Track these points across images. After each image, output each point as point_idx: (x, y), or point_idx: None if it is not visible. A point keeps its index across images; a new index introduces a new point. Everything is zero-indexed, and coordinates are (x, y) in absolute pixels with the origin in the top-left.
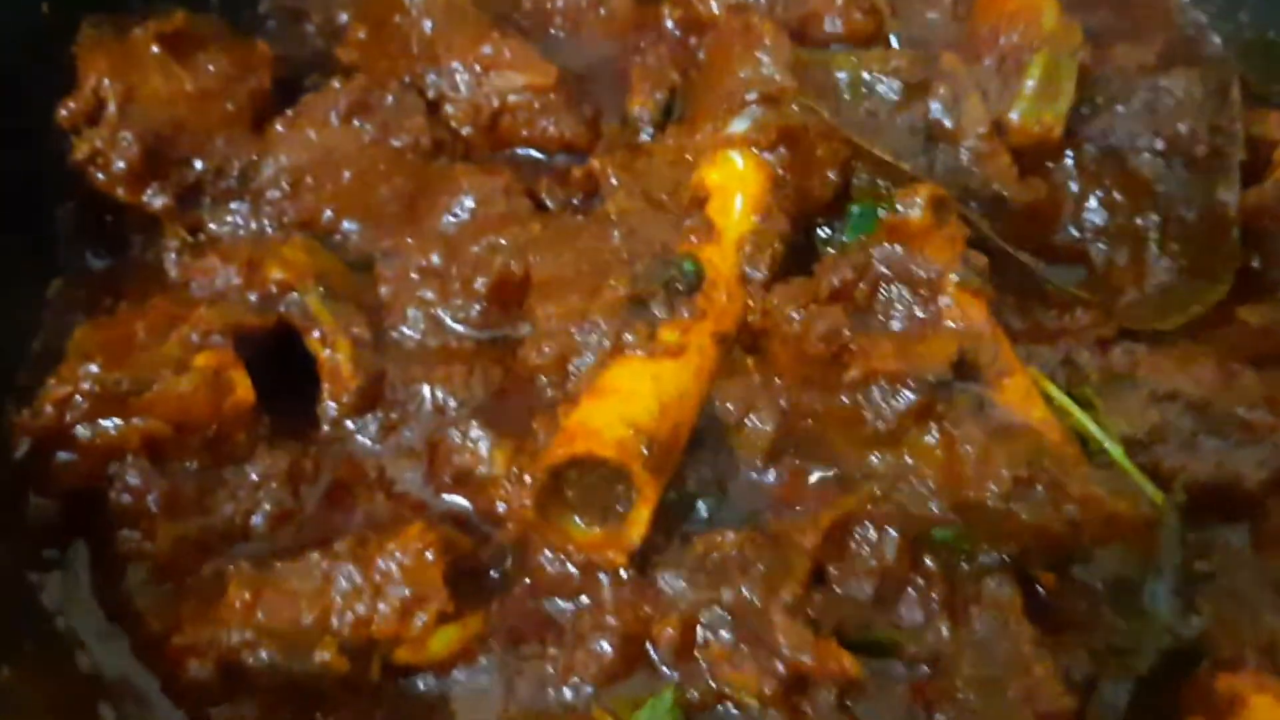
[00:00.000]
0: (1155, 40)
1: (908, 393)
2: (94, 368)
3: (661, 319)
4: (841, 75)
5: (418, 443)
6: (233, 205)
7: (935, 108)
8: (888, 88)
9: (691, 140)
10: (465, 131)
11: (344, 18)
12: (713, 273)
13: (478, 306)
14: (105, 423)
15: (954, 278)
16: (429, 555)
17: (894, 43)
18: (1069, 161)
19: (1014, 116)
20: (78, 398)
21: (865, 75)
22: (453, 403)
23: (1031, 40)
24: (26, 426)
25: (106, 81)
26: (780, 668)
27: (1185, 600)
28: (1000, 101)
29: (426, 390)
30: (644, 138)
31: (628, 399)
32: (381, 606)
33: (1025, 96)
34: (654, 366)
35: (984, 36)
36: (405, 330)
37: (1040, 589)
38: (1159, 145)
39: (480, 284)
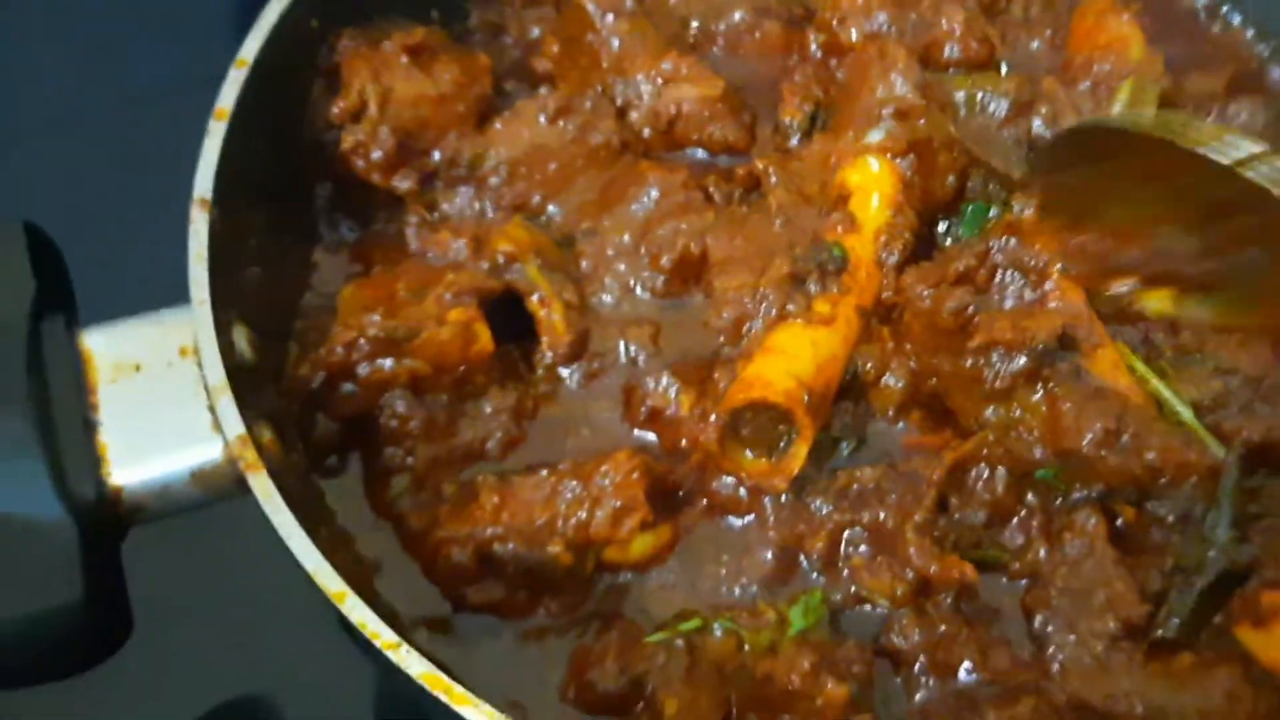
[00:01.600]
0: (1224, 71)
1: (1021, 358)
2: (376, 318)
3: (816, 293)
4: (959, 94)
5: (615, 388)
6: (460, 189)
7: (1037, 124)
8: (998, 106)
9: (835, 147)
10: (646, 133)
11: (536, 31)
12: (855, 257)
13: (662, 279)
14: (382, 362)
15: (1058, 267)
16: (635, 475)
17: (1003, 68)
18: None
19: None
20: (362, 341)
21: (979, 95)
22: (643, 356)
23: (1121, 69)
24: (322, 362)
25: (369, 86)
26: (910, 575)
27: (1240, 532)
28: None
29: (622, 345)
30: (793, 143)
31: (792, 357)
32: (598, 514)
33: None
34: (811, 332)
35: (1079, 64)
36: (604, 297)
37: (1120, 521)
38: None
39: (666, 261)
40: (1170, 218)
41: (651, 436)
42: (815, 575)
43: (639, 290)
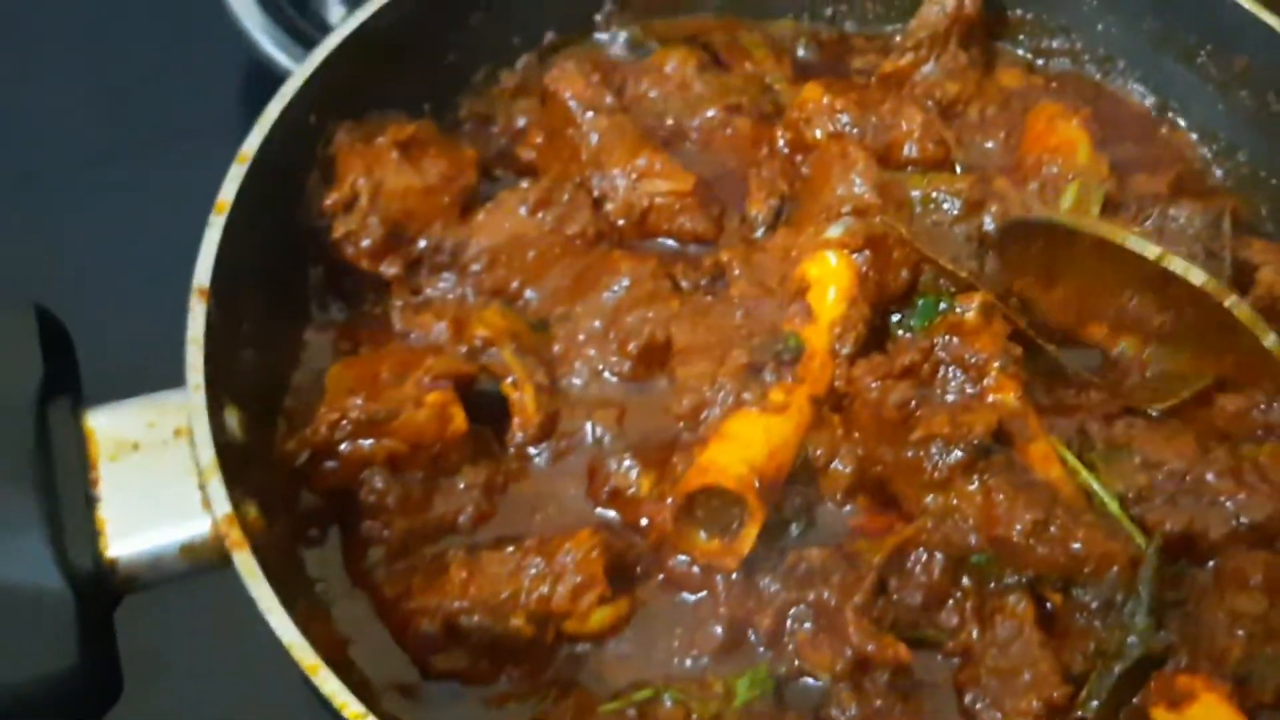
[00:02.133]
0: (1169, 172)
1: (958, 451)
2: (359, 400)
3: (772, 382)
4: (915, 193)
5: (580, 468)
6: (444, 275)
7: (988, 221)
8: (951, 204)
9: (796, 240)
10: (619, 224)
11: (522, 122)
12: (810, 347)
13: (629, 364)
14: (363, 441)
15: (996, 365)
16: (594, 553)
17: (958, 168)
18: None
19: None
20: (345, 422)
21: (934, 194)
22: (608, 438)
23: (1068, 170)
24: (308, 441)
25: (361, 180)
26: (849, 652)
27: (1157, 620)
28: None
29: (589, 427)
30: (758, 235)
31: (745, 444)
32: (559, 589)
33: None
34: (765, 419)
35: (1030, 165)
36: (574, 380)
37: (1049, 605)
38: None
39: (633, 347)
40: (1125, 281)
41: (613, 514)
42: (762, 649)
43: (607, 374)
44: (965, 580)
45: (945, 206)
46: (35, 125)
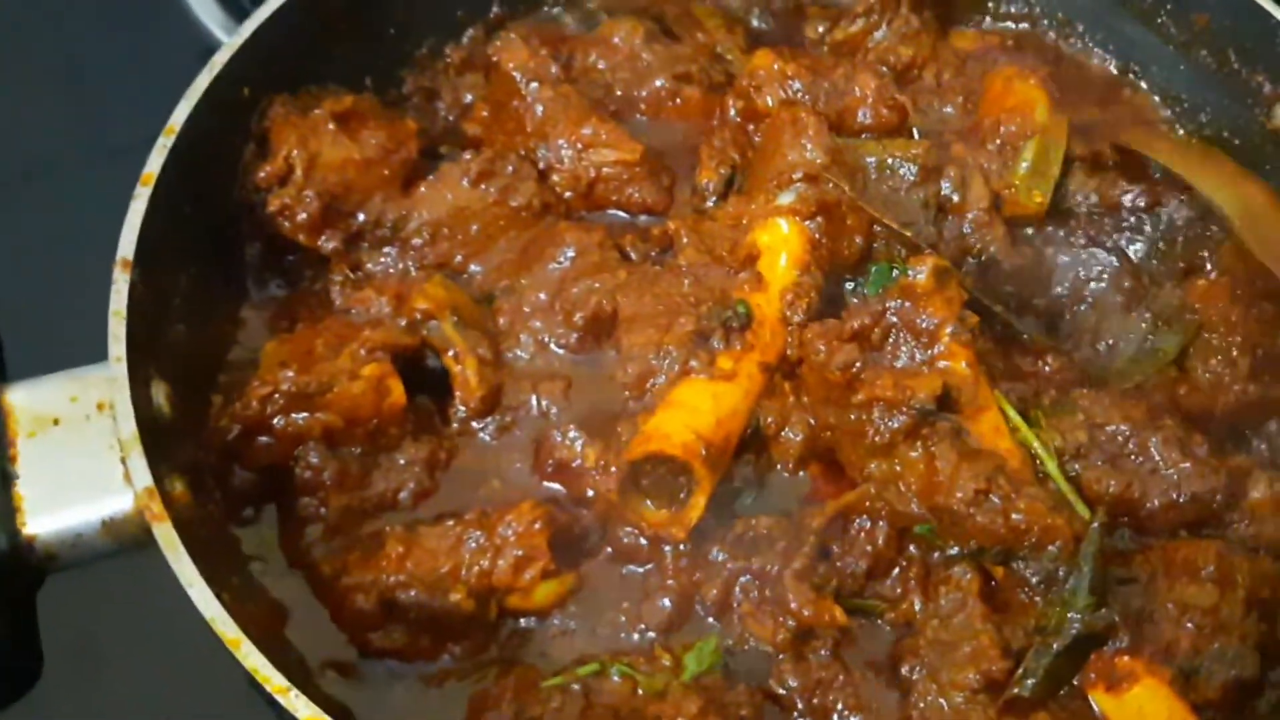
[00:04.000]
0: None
1: (901, 415)
2: (290, 373)
3: (719, 350)
4: (870, 159)
5: (525, 441)
6: (385, 249)
7: (946, 186)
8: (907, 170)
9: (747, 209)
10: (567, 195)
11: (469, 98)
12: (760, 315)
13: (575, 335)
14: (296, 415)
15: (949, 331)
16: (537, 525)
17: (915, 133)
18: (1054, 231)
19: (1009, 192)
20: (277, 395)
21: (889, 160)
22: (554, 410)
23: (1026, 129)
24: (238, 416)
25: (295, 152)
26: (791, 622)
27: (1099, 598)
28: (999, 180)
29: (534, 399)
30: (709, 205)
31: (692, 411)
32: (500, 563)
33: (1020, 175)
34: (713, 387)
35: (988, 126)
36: (518, 352)
37: (993, 581)
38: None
39: (579, 318)
40: None
41: (559, 487)
42: (710, 620)
43: (553, 346)
44: (912, 549)
45: (901, 172)
46: None
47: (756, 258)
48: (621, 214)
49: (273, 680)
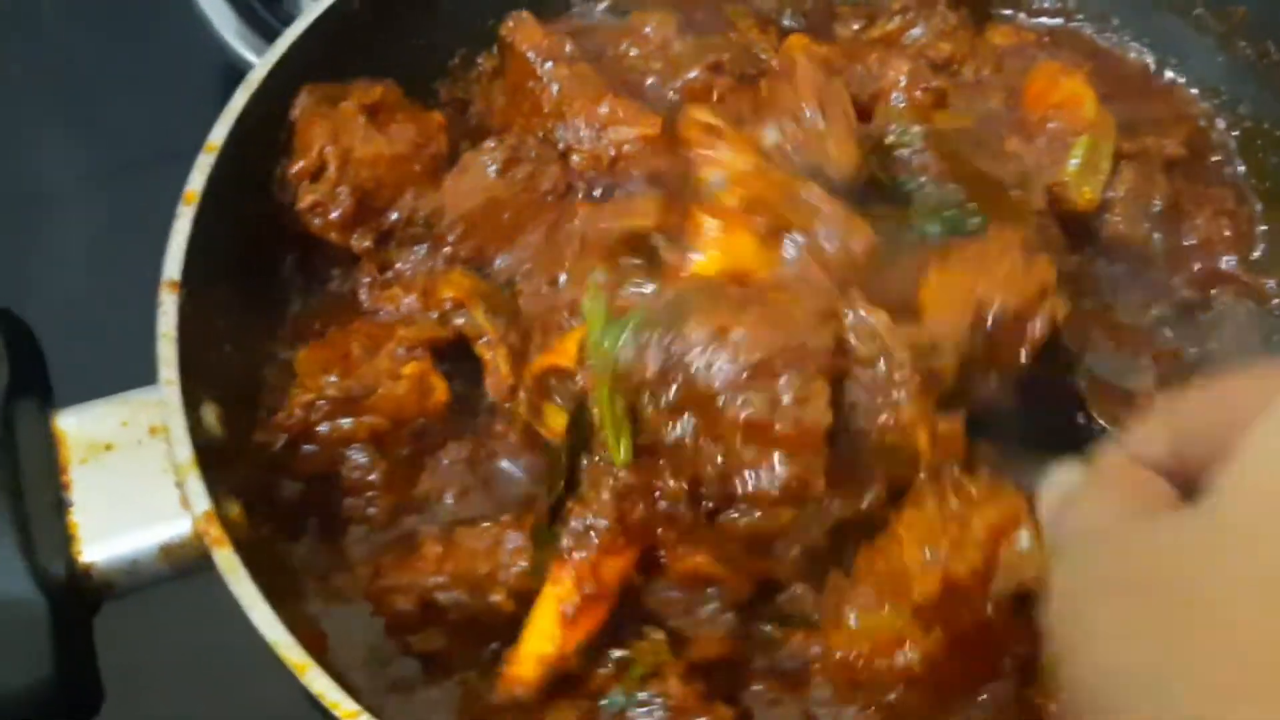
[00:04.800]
0: (1179, 131)
1: None
2: (333, 378)
3: None
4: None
5: None
6: (415, 247)
7: None
8: None
9: None
10: (589, 176)
11: (501, 104)
12: None
13: None
14: (342, 421)
15: None
16: None
17: None
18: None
19: (1058, 189)
20: (321, 402)
21: None
22: None
23: (1075, 125)
24: (283, 425)
25: (329, 147)
26: None
27: None
28: (1048, 176)
29: None
30: None
31: None
32: None
33: (1070, 172)
34: None
35: (1034, 123)
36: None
37: None
38: None
39: None
40: None
41: None
42: None
43: None
44: None
45: None
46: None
47: None
48: None
49: (342, 704)
